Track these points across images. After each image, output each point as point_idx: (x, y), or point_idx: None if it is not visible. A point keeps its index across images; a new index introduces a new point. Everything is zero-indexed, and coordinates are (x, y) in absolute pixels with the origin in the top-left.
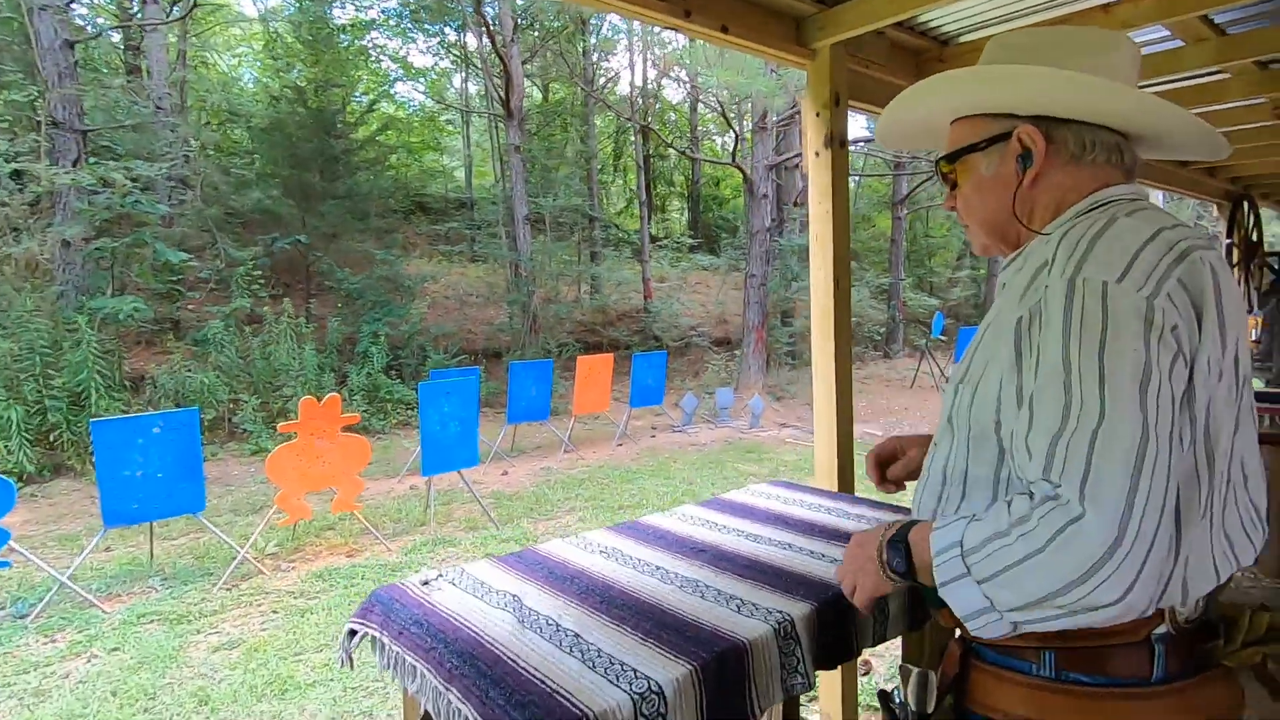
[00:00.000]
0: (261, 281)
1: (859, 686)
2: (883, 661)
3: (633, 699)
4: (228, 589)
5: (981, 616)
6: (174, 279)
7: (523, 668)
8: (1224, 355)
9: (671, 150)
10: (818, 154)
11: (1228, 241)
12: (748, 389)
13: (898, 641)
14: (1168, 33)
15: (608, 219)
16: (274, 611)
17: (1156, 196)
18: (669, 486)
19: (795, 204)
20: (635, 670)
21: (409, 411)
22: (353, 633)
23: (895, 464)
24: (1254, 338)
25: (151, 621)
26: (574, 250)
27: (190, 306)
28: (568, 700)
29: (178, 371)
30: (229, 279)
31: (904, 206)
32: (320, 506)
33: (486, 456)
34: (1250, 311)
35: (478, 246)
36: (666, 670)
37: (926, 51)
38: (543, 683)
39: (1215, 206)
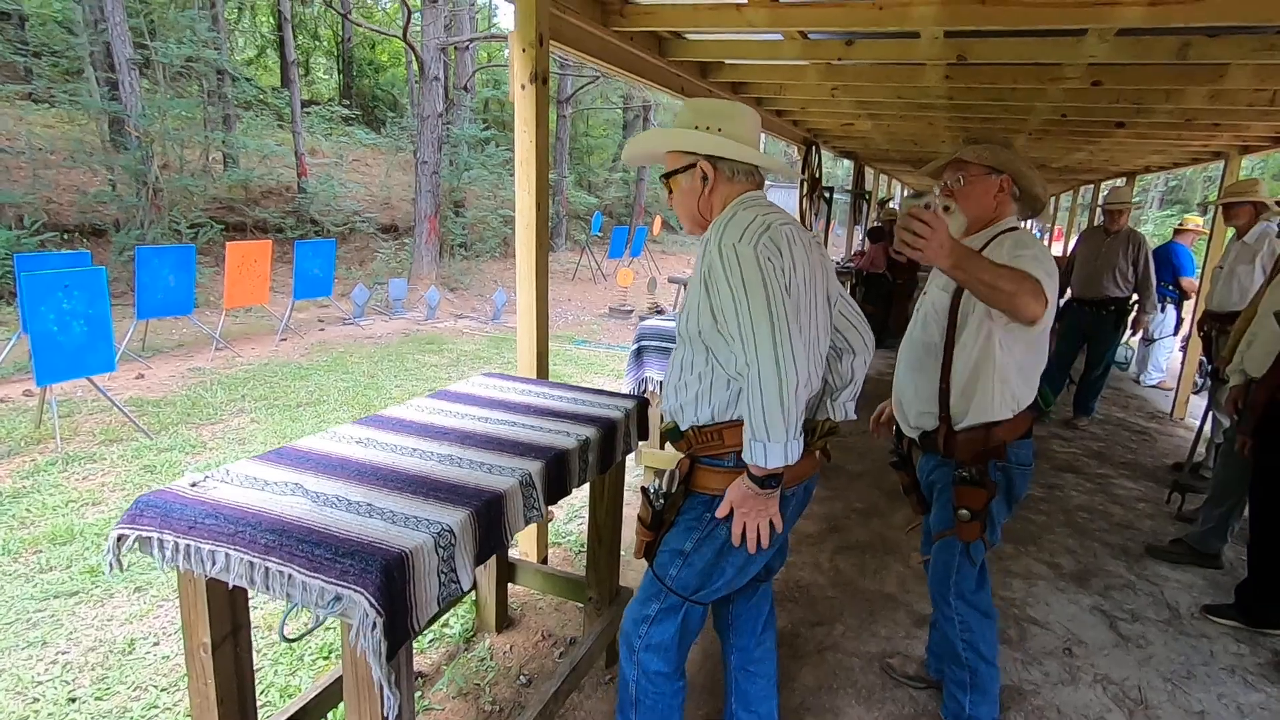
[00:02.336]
0: None
1: (547, 530)
2: (561, 510)
3: (433, 538)
4: None
5: (793, 452)
6: None
7: (336, 532)
8: (797, 273)
9: None
10: (524, 87)
11: (802, 176)
12: (421, 280)
13: (570, 501)
14: (780, 35)
15: (238, 71)
16: None
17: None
18: (349, 381)
19: (465, 89)
20: (429, 520)
21: None
22: (121, 538)
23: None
24: None
25: None
26: (196, 108)
27: None
28: (384, 546)
29: None
30: None
31: (569, 105)
32: None
33: None
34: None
35: (39, 83)
36: (452, 516)
37: (610, 4)
38: (358, 539)
39: (796, 149)
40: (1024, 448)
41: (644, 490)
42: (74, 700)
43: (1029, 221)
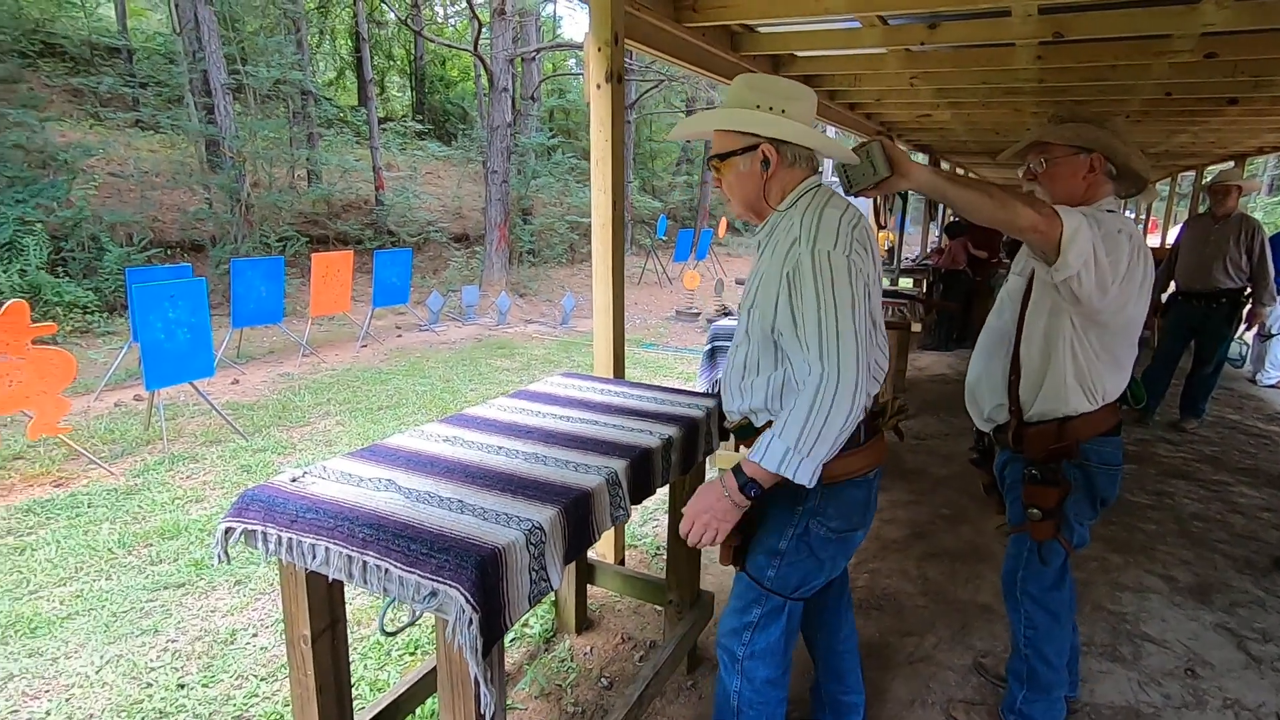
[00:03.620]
0: None
1: (624, 532)
2: (635, 512)
3: (524, 534)
4: None
5: (811, 476)
6: None
7: (430, 527)
8: (874, 270)
9: (391, 17)
10: (599, 86)
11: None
12: (492, 286)
13: (644, 504)
14: (858, 22)
15: (320, 92)
16: None
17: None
18: (426, 385)
19: (531, 98)
20: (518, 516)
21: (86, 316)
22: (228, 531)
23: None
24: (886, 248)
25: None
26: (283, 129)
27: None
28: (478, 543)
29: None
30: None
31: (632, 111)
32: (2, 432)
33: None
34: (883, 228)
35: (145, 111)
36: (541, 513)
37: (683, 0)
38: (452, 535)
39: None
40: (1108, 445)
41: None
42: (183, 686)
43: (1130, 208)
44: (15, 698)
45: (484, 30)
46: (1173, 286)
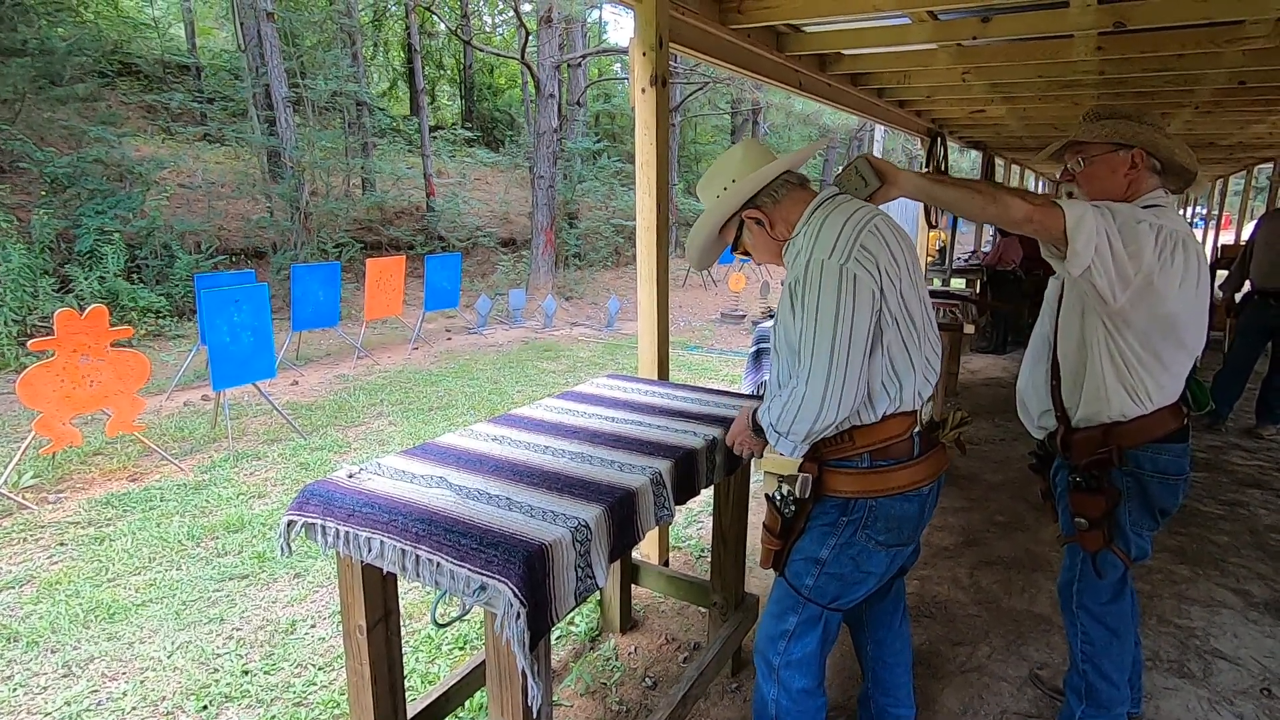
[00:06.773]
0: None
1: (668, 533)
2: (680, 514)
3: (570, 532)
4: None
5: (792, 450)
6: None
7: (480, 523)
8: (899, 269)
9: (441, 28)
10: (644, 91)
11: (928, 169)
12: (538, 290)
13: (689, 506)
14: (907, 18)
15: (374, 103)
16: (60, 544)
17: (879, 129)
18: (475, 386)
19: (577, 104)
20: (564, 514)
21: (159, 320)
22: (290, 524)
23: None
24: (939, 247)
25: None
26: (340, 139)
27: None
28: (525, 539)
29: None
30: None
31: (678, 113)
32: (84, 429)
33: None
34: (934, 227)
35: (212, 125)
36: (587, 511)
37: (728, 1)
38: (500, 531)
39: (920, 140)
40: (1165, 453)
41: (769, 497)
42: (247, 673)
43: (1193, 207)
44: (95, 678)
45: (531, 38)
46: (1248, 285)
